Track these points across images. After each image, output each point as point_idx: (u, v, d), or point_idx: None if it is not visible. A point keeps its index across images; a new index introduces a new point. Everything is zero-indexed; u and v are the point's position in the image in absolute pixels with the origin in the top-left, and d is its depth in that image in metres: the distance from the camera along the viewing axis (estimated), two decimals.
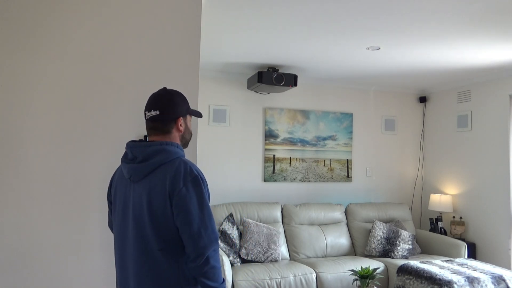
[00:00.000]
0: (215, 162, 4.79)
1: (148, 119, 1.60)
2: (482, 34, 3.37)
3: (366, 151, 5.52)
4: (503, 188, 4.61)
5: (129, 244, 1.56)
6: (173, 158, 1.54)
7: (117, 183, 1.67)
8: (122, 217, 1.60)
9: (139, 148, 1.56)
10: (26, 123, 2.14)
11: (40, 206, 2.14)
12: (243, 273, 3.76)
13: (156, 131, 1.60)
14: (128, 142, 1.61)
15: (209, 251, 1.47)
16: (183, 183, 1.48)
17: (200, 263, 1.47)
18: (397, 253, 4.44)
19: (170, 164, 1.52)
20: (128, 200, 1.58)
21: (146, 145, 1.55)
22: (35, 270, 2.12)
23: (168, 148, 1.54)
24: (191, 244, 1.47)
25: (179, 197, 1.47)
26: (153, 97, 1.62)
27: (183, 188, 1.47)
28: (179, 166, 1.51)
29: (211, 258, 1.48)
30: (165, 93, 1.63)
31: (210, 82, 4.82)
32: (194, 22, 2.42)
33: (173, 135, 1.62)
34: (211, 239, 1.49)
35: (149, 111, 1.59)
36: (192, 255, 1.47)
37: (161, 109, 1.58)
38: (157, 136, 1.60)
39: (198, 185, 1.50)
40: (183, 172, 1.50)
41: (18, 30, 2.15)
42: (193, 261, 1.48)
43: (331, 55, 4.08)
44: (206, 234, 1.48)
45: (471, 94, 5.07)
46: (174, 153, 1.55)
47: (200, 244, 1.46)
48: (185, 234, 1.47)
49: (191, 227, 1.46)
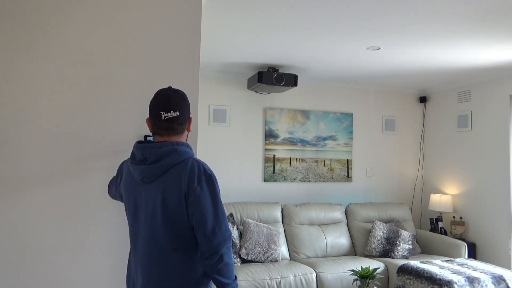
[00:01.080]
0: (215, 162, 4.79)
1: (165, 120, 1.56)
2: (482, 34, 3.37)
3: (366, 151, 5.52)
4: (503, 188, 4.61)
5: (140, 245, 1.57)
6: (185, 158, 1.55)
7: (126, 184, 1.66)
8: (134, 219, 1.61)
9: (150, 149, 1.55)
10: (26, 124, 2.14)
11: (40, 207, 2.14)
12: (243, 273, 3.76)
13: (172, 131, 1.59)
14: (136, 143, 1.60)
15: (223, 249, 1.50)
16: (197, 182, 1.50)
17: (215, 261, 1.49)
18: (397, 253, 4.44)
19: (183, 164, 1.53)
20: (139, 202, 1.58)
21: (158, 146, 1.54)
22: (35, 270, 2.12)
23: (179, 148, 1.55)
24: (206, 242, 1.49)
25: (195, 196, 1.49)
26: (168, 97, 1.59)
27: (198, 187, 1.50)
28: (193, 166, 1.52)
29: (225, 256, 1.50)
30: (178, 93, 1.62)
31: (210, 82, 4.82)
32: (194, 22, 2.41)
33: (184, 134, 1.64)
34: (225, 237, 1.51)
35: (167, 111, 1.55)
36: (206, 253, 1.50)
37: (180, 110, 1.58)
38: (169, 137, 1.59)
39: (212, 184, 1.53)
40: (197, 172, 1.52)
41: (18, 30, 2.15)
42: (207, 259, 1.50)
43: (331, 55, 4.08)
44: (221, 232, 1.50)
45: (471, 94, 5.07)
46: (186, 153, 1.56)
47: (214, 242, 1.48)
48: (200, 232, 1.49)
49: (206, 226, 1.49)
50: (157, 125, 1.59)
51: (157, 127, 1.60)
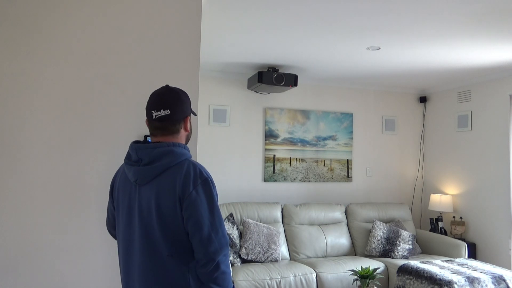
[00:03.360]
0: (215, 162, 4.79)
1: (156, 119, 1.50)
2: (482, 34, 3.37)
3: (366, 151, 5.52)
4: (503, 188, 4.60)
5: (135, 249, 1.49)
6: (181, 160, 1.48)
7: (120, 186, 1.59)
8: (128, 222, 1.53)
9: (145, 149, 1.48)
10: (26, 124, 2.14)
11: (40, 207, 2.14)
12: (243, 273, 3.76)
13: (164, 131, 1.52)
14: (132, 143, 1.54)
15: (220, 256, 1.43)
16: (193, 186, 1.43)
17: (210, 269, 1.41)
18: (397, 253, 4.44)
19: (178, 166, 1.46)
20: (133, 204, 1.51)
21: (152, 147, 1.48)
22: (35, 270, 2.12)
23: (175, 149, 1.48)
24: (202, 249, 1.42)
25: (190, 200, 1.42)
26: (160, 95, 1.53)
27: (193, 191, 1.42)
28: (189, 169, 1.45)
29: (222, 263, 1.43)
30: (171, 91, 1.55)
31: (210, 82, 4.82)
32: (194, 22, 2.42)
33: (180, 135, 1.56)
34: (222, 244, 1.44)
35: (157, 110, 1.50)
36: (202, 261, 1.42)
37: (171, 108, 1.50)
38: (163, 137, 1.53)
39: (208, 187, 1.45)
40: (193, 175, 1.44)
41: (19, 30, 2.15)
42: (203, 267, 1.42)
43: (331, 55, 4.08)
44: (217, 238, 1.43)
45: (471, 94, 5.06)
46: (182, 154, 1.49)
47: (210, 249, 1.41)
48: (195, 238, 1.42)
49: (202, 232, 1.41)
50: (150, 125, 1.54)
51: (151, 127, 1.54)
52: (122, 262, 1.56)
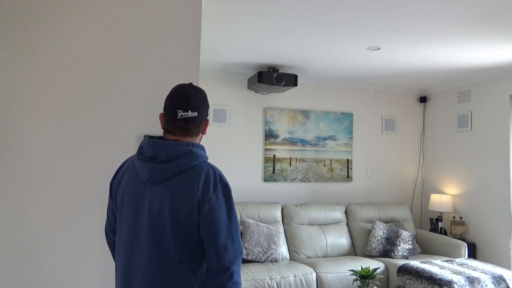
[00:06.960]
0: (215, 162, 4.79)
1: (182, 119, 1.43)
2: (482, 34, 3.37)
3: (366, 151, 5.52)
4: (503, 188, 4.60)
5: (140, 252, 1.40)
6: (199, 162, 1.42)
7: (127, 183, 1.47)
8: (133, 222, 1.42)
9: (163, 146, 1.39)
10: (26, 124, 2.14)
11: (40, 207, 2.14)
12: (243, 273, 3.76)
13: (186, 131, 1.45)
14: (147, 138, 1.45)
15: (234, 266, 1.36)
16: (213, 190, 1.37)
17: (223, 279, 1.34)
18: (397, 253, 4.44)
19: (197, 168, 1.39)
20: (142, 204, 1.41)
21: (172, 145, 1.40)
22: (35, 270, 2.12)
23: (195, 150, 1.42)
24: (216, 258, 1.35)
25: (209, 205, 1.35)
26: (188, 95, 1.45)
27: (213, 195, 1.37)
28: (208, 172, 1.40)
29: (235, 274, 1.36)
30: (198, 91, 1.48)
31: (210, 82, 4.82)
32: (194, 22, 2.41)
33: (199, 136, 1.51)
34: (237, 253, 1.38)
35: (184, 110, 1.42)
36: (214, 270, 1.35)
37: (199, 110, 1.45)
38: (183, 137, 1.46)
39: (228, 194, 1.41)
40: (213, 179, 1.39)
41: (18, 29, 2.15)
42: (215, 276, 1.34)
43: (331, 55, 4.08)
44: (233, 247, 1.37)
45: (471, 94, 5.07)
46: (201, 156, 1.43)
47: (226, 258, 1.35)
48: (211, 246, 1.35)
49: (219, 240, 1.35)
50: (171, 124, 1.45)
51: (171, 125, 1.45)
52: (121, 265, 1.46)
